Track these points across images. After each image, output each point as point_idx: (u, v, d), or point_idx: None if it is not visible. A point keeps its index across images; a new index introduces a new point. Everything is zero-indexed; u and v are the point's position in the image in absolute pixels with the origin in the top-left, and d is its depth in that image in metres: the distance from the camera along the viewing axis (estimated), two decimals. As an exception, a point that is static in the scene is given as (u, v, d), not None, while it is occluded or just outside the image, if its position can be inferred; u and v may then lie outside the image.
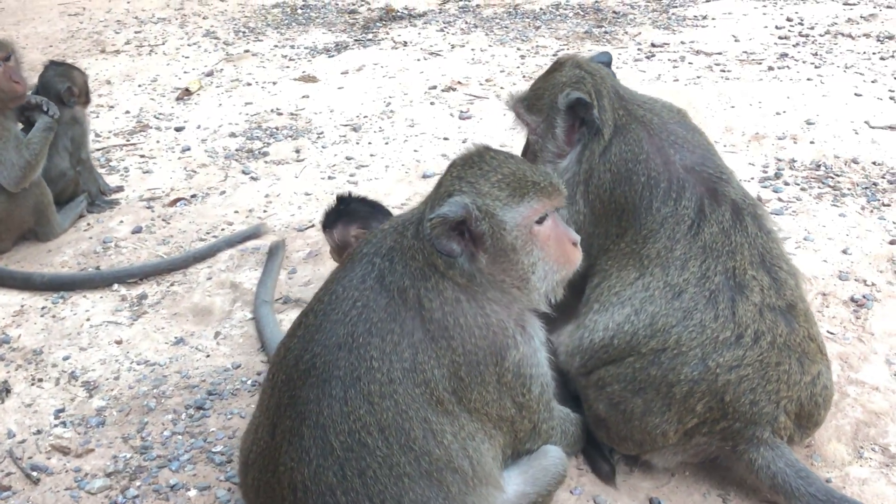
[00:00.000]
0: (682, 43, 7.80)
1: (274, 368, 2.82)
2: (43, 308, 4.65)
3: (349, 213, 4.00)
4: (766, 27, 8.13)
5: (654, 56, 7.49)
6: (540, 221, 2.81)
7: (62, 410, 3.89)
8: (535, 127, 3.59)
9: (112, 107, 7.32)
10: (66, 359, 4.24)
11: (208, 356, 4.22)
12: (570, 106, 3.42)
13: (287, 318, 4.29)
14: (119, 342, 4.35)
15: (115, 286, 4.79)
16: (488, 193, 2.74)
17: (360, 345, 2.66)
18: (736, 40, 7.80)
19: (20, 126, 5.18)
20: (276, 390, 2.74)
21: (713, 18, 8.46)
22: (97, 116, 7.05)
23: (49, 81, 5.33)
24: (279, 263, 4.76)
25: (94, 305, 4.66)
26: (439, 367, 2.67)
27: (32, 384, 4.06)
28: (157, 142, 6.57)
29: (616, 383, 3.14)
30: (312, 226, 5.21)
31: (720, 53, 7.47)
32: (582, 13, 8.99)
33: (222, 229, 5.28)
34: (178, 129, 6.75)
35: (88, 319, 4.53)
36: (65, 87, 5.33)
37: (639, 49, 7.72)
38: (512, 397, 2.82)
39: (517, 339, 2.82)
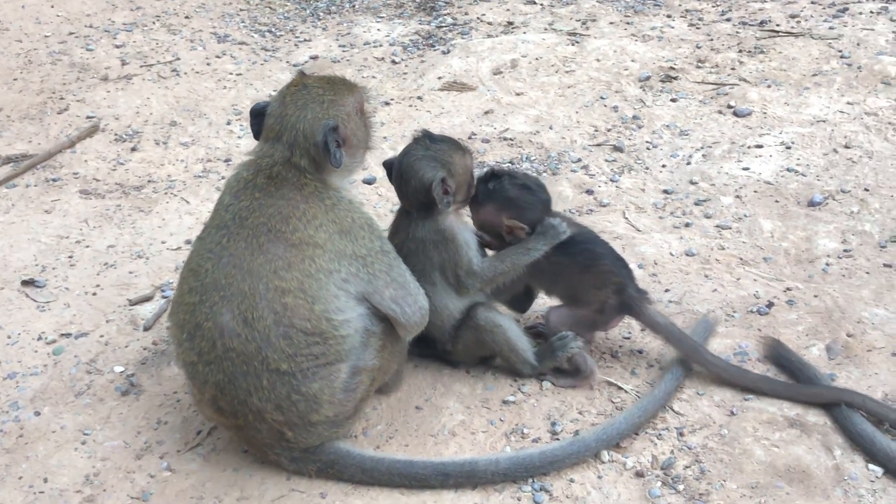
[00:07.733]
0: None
1: None
2: (529, 515, 3.00)
3: (501, 195, 3.38)
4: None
5: (847, 9, 6.48)
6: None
7: None
8: None
9: (228, 160, 5.32)
10: None
11: (895, 552, 2.82)
12: None
13: None
14: (727, 555, 2.84)
15: (605, 455, 3.19)
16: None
17: None
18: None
19: None
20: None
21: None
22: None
23: (415, 165, 3.29)
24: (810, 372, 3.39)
25: (588, 492, 3.06)
26: None
27: None
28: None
29: None
30: (763, 310, 3.82)
31: None
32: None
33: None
34: (367, 182, 4.96)
35: (625, 520, 2.95)
36: (438, 178, 3.24)
37: (826, 7, 6.68)
38: None
39: None
